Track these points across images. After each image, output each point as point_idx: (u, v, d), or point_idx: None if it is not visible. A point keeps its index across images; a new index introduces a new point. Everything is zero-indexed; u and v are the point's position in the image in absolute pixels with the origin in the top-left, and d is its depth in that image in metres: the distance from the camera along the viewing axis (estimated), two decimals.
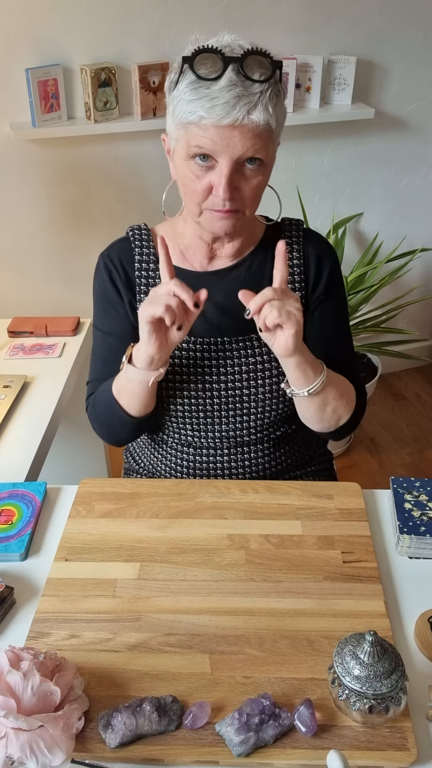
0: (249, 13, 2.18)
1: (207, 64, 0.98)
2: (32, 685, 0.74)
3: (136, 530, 1.07)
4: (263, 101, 0.98)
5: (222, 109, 0.97)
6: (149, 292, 1.09)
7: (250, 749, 0.77)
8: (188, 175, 1.05)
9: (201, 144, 1.00)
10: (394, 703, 0.77)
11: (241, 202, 1.05)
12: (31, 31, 2.01)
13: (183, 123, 1.01)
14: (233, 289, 1.17)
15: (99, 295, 1.26)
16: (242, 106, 0.97)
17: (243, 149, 0.99)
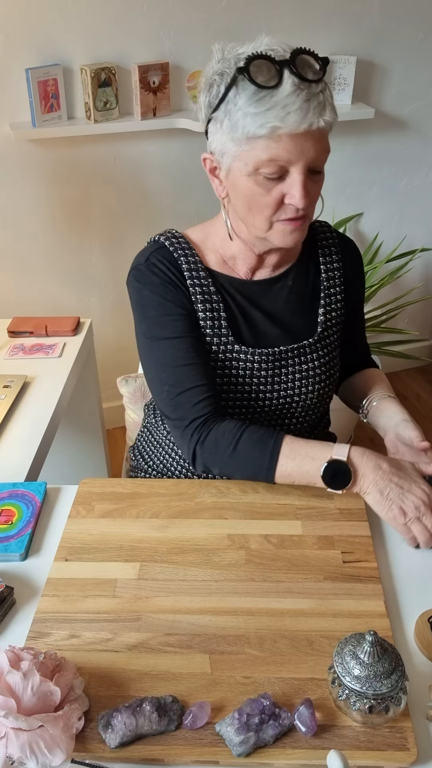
0: (249, 13, 2.19)
1: (263, 71, 0.95)
2: (32, 685, 0.74)
3: (136, 530, 1.07)
4: (329, 101, 0.97)
5: (297, 116, 0.94)
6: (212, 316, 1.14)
7: (250, 749, 0.77)
8: (255, 190, 1.02)
9: (275, 156, 0.97)
10: (394, 703, 0.77)
11: (309, 207, 1.04)
12: (31, 31, 2.01)
13: (249, 137, 0.97)
14: (279, 298, 1.21)
15: (151, 300, 1.14)
16: (314, 110, 0.95)
17: (316, 154, 0.98)
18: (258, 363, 1.18)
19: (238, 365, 1.18)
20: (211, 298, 1.16)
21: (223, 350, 1.17)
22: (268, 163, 0.98)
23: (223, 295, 1.18)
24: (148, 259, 1.16)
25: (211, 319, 1.17)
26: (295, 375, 1.20)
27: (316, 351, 1.22)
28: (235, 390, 1.19)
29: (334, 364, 1.26)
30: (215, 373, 1.17)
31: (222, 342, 1.17)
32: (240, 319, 1.19)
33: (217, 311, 1.17)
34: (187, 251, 1.17)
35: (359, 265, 1.30)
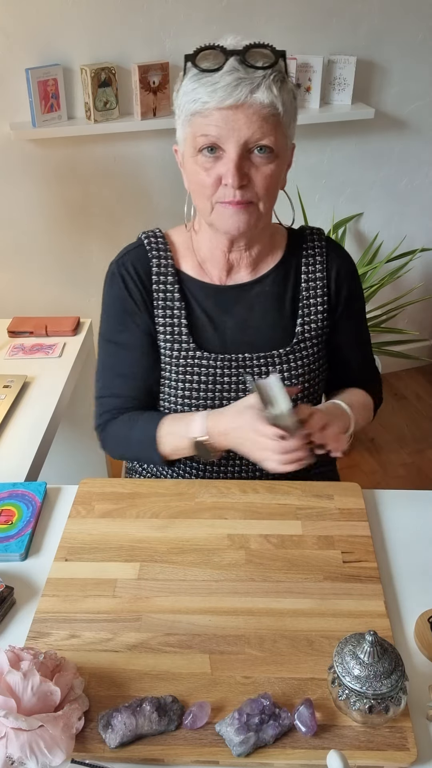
0: (249, 12, 2.19)
1: (209, 59, 0.98)
2: (32, 685, 0.74)
3: (136, 530, 1.07)
4: (266, 83, 0.97)
5: (224, 91, 0.95)
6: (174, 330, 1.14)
7: (250, 749, 0.77)
8: (197, 170, 1.03)
9: (206, 132, 0.99)
10: (394, 703, 0.77)
11: (252, 193, 1.03)
12: (31, 31, 2.01)
13: (187, 116, 1.01)
14: (254, 305, 1.18)
15: (113, 306, 1.19)
16: (245, 86, 0.96)
17: (249, 131, 0.98)
18: (221, 369, 1.17)
19: (200, 371, 1.17)
20: (174, 304, 1.17)
21: (184, 356, 1.17)
22: (201, 139, 1.00)
23: (190, 300, 1.18)
24: (122, 259, 1.19)
25: (170, 325, 1.17)
26: None
27: (287, 362, 1.18)
28: (198, 396, 1.18)
29: (309, 378, 1.20)
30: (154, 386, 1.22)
31: (183, 348, 1.17)
32: (207, 325, 1.18)
33: (178, 317, 1.17)
34: (162, 253, 1.18)
35: (351, 279, 1.23)
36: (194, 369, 1.17)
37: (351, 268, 1.24)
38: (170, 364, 1.18)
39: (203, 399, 1.18)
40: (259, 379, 1.03)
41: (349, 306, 1.23)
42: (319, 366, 1.23)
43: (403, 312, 2.81)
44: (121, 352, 1.20)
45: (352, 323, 1.26)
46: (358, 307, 1.26)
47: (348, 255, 1.25)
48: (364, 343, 1.32)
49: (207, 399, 1.18)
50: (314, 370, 1.21)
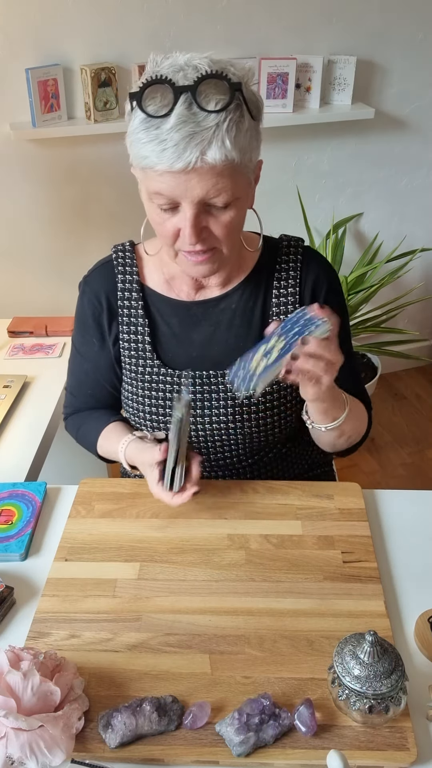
0: (249, 12, 2.19)
1: (156, 99, 0.89)
2: (32, 685, 0.74)
3: (136, 530, 1.07)
4: (218, 136, 0.87)
5: (172, 153, 0.87)
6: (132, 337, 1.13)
7: (250, 749, 0.77)
8: (156, 218, 0.99)
9: (159, 190, 0.93)
10: (394, 703, 0.77)
11: (213, 241, 0.98)
12: (31, 31, 2.01)
13: (138, 166, 0.95)
14: (221, 321, 1.15)
15: (77, 317, 1.22)
16: (194, 147, 0.87)
17: (203, 191, 0.91)
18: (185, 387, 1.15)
19: (165, 387, 1.16)
20: (138, 320, 1.16)
21: (149, 372, 1.16)
22: (157, 196, 0.94)
23: (154, 316, 1.16)
24: (90, 276, 1.20)
25: (134, 341, 1.17)
26: (227, 402, 1.14)
27: None
28: (164, 413, 1.17)
29: (281, 395, 1.16)
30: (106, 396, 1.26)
31: (147, 364, 1.16)
32: (172, 341, 1.16)
33: (142, 334, 1.16)
34: (128, 268, 1.17)
35: (328, 294, 1.16)
36: (159, 386, 1.16)
37: (329, 282, 1.16)
38: (135, 379, 1.18)
39: (170, 415, 1.17)
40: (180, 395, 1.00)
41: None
42: (290, 385, 1.15)
43: (403, 312, 2.81)
44: (79, 358, 1.25)
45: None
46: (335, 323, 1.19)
47: (328, 268, 1.18)
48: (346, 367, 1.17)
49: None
50: (284, 389, 1.16)
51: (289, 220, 2.54)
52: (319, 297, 1.15)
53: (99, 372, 1.23)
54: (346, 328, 1.19)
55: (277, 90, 2.26)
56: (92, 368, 1.23)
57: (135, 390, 1.19)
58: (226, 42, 2.20)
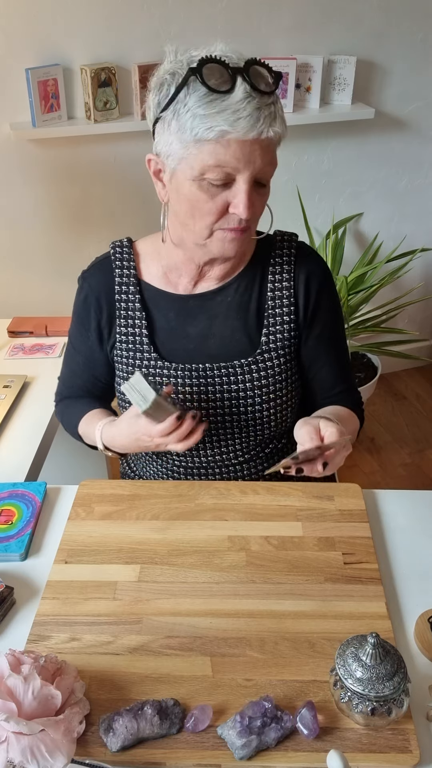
0: (249, 12, 2.18)
1: (215, 74, 0.92)
2: (33, 689, 0.74)
3: (136, 532, 1.06)
4: (279, 113, 0.95)
5: (247, 122, 0.91)
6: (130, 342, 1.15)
7: (252, 752, 0.76)
8: (199, 196, 0.98)
9: (222, 162, 0.94)
10: (397, 705, 0.77)
11: (253, 218, 1.02)
12: (31, 31, 2.00)
13: (196, 140, 0.93)
14: (218, 314, 1.16)
15: (76, 314, 1.23)
16: (265, 118, 0.92)
17: (263, 164, 0.96)
18: (182, 379, 1.16)
19: (163, 381, 1.16)
20: (135, 314, 1.17)
21: (146, 365, 1.17)
22: (215, 169, 0.95)
23: (151, 310, 1.17)
24: (88, 272, 1.21)
25: (132, 335, 1.18)
26: (224, 395, 1.15)
27: (250, 372, 1.15)
28: None
29: (275, 390, 1.17)
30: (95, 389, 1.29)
31: (144, 357, 1.17)
32: (169, 335, 1.17)
33: (139, 327, 1.17)
34: (125, 263, 1.18)
35: (322, 289, 1.17)
36: (156, 379, 1.17)
37: (323, 277, 1.18)
38: (132, 373, 1.18)
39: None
40: (125, 382, 0.99)
41: (318, 318, 1.17)
42: (287, 378, 1.18)
43: (403, 312, 2.81)
44: (73, 350, 1.27)
45: (323, 337, 1.19)
46: (329, 319, 1.19)
47: (321, 263, 1.19)
48: (338, 363, 1.23)
49: None
50: (280, 382, 1.17)
51: (289, 220, 2.53)
52: (313, 292, 1.16)
53: (91, 365, 1.25)
54: (339, 323, 1.22)
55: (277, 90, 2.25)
56: (84, 361, 1.25)
57: None
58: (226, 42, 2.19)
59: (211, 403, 1.16)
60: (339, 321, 1.23)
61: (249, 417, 1.17)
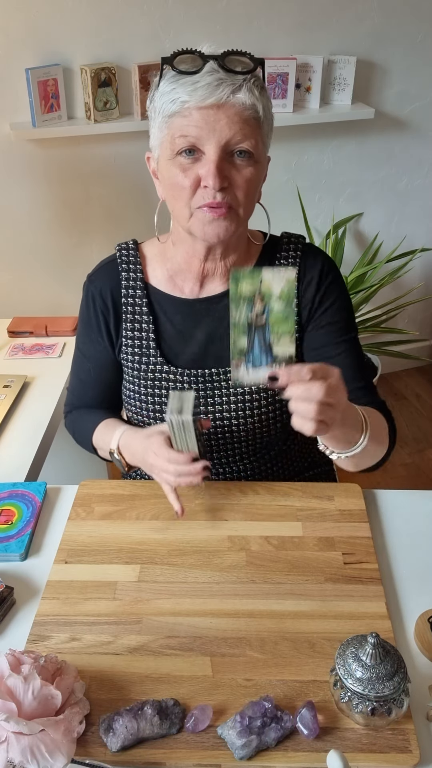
0: (249, 12, 2.18)
1: (187, 62, 0.96)
2: (33, 689, 0.74)
3: (136, 532, 1.06)
4: (247, 85, 0.95)
5: (204, 90, 0.93)
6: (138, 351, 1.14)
7: (253, 752, 0.76)
8: (174, 173, 0.99)
9: (185, 132, 0.95)
10: (397, 705, 0.77)
11: (232, 196, 0.99)
12: (31, 31, 2.00)
13: (165, 118, 0.97)
14: (223, 318, 1.14)
15: (83, 320, 1.22)
16: (226, 87, 0.93)
17: (230, 132, 0.95)
18: (188, 384, 1.15)
19: (168, 385, 1.16)
20: (142, 318, 1.16)
21: (152, 369, 1.17)
22: (180, 140, 0.96)
23: (158, 314, 1.16)
24: (94, 275, 1.20)
25: (138, 339, 1.17)
26: (230, 398, 1.14)
27: None
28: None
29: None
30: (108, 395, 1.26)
31: (151, 362, 1.16)
32: (176, 339, 1.16)
33: (146, 331, 1.16)
34: (132, 266, 1.17)
35: (329, 289, 1.14)
36: (162, 383, 1.16)
37: (330, 278, 1.15)
38: (139, 377, 1.18)
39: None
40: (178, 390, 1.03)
41: (326, 320, 1.14)
42: None
43: (403, 312, 2.81)
44: (82, 357, 1.25)
45: (331, 333, 1.14)
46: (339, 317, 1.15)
47: (329, 264, 1.16)
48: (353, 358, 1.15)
49: None
50: None
51: (289, 220, 2.53)
52: (319, 293, 1.13)
53: (102, 371, 1.23)
54: (351, 323, 1.17)
55: (277, 90, 2.26)
56: (95, 368, 1.23)
57: (137, 389, 1.19)
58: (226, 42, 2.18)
59: (217, 406, 1.15)
60: (350, 319, 1.17)
61: (255, 419, 1.16)
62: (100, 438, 1.22)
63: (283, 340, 0.83)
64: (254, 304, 0.82)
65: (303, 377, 0.82)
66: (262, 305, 0.82)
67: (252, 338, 0.83)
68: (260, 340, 0.83)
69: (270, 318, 0.82)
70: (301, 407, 0.83)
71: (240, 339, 0.83)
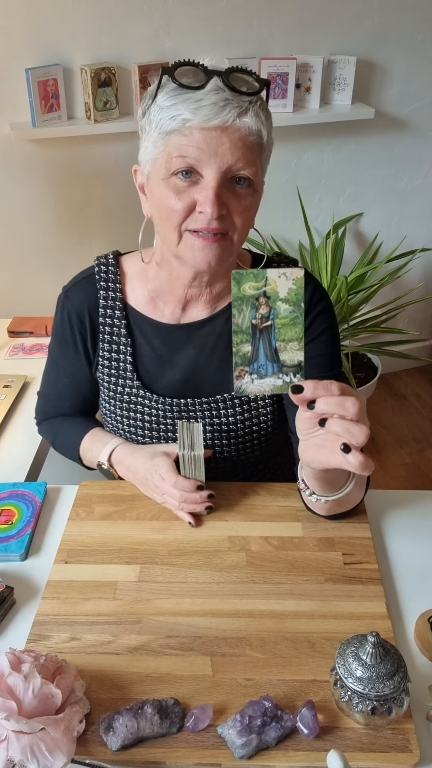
0: (249, 13, 2.18)
1: (189, 75, 0.89)
2: (33, 688, 0.74)
3: (136, 532, 1.06)
4: (253, 108, 0.89)
5: (210, 110, 0.86)
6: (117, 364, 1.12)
7: (253, 751, 0.76)
8: (166, 194, 0.92)
9: (184, 153, 0.89)
10: (397, 705, 0.77)
11: (229, 224, 0.93)
12: (31, 31, 2.00)
13: (162, 134, 0.90)
14: (204, 345, 1.11)
15: (58, 335, 1.18)
16: (232, 109, 0.87)
17: (233, 158, 0.88)
18: (163, 411, 1.13)
19: (143, 410, 1.14)
20: (120, 339, 1.13)
21: (128, 392, 1.15)
22: (178, 160, 0.89)
23: (137, 337, 1.13)
24: (70, 291, 1.15)
25: (116, 361, 1.14)
26: (206, 428, 1.13)
27: (233, 407, 1.12)
28: (143, 434, 1.16)
29: (261, 421, 1.14)
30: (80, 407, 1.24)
31: (127, 384, 1.15)
32: (154, 363, 1.13)
33: (124, 353, 1.13)
34: (111, 284, 1.12)
35: (317, 322, 1.08)
36: (137, 407, 1.14)
37: (320, 308, 1.08)
38: (114, 399, 1.17)
39: (148, 437, 1.16)
40: (187, 422, 1.05)
41: (311, 345, 1.08)
42: (273, 411, 1.13)
43: (403, 312, 2.81)
44: (56, 370, 1.22)
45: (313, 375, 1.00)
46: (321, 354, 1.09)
47: (320, 293, 1.09)
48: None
49: (152, 437, 1.16)
50: (265, 415, 1.14)
51: (289, 220, 2.53)
52: (306, 320, 1.06)
53: (77, 386, 1.21)
54: (336, 359, 1.11)
55: (277, 90, 2.26)
56: (70, 382, 1.21)
57: (113, 409, 1.18)
58: (226, 42, 2.20)
59: None
60: (335, 354, 1.11)
61: (232, 449, 1.16)
62: (87, 448, 1.20)
63: (291, 346, 0.76)
64: (258, 307, 0.76)
65: (332, 392, 0.74)
66: (267, 308, 0.76)
67: (257, 344, 0.76)
68: (265, 345, 0.76)
69: (276, 322, 0.76)
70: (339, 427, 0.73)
71: (243, 345, 0.76)
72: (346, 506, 1.03)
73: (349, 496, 0.95)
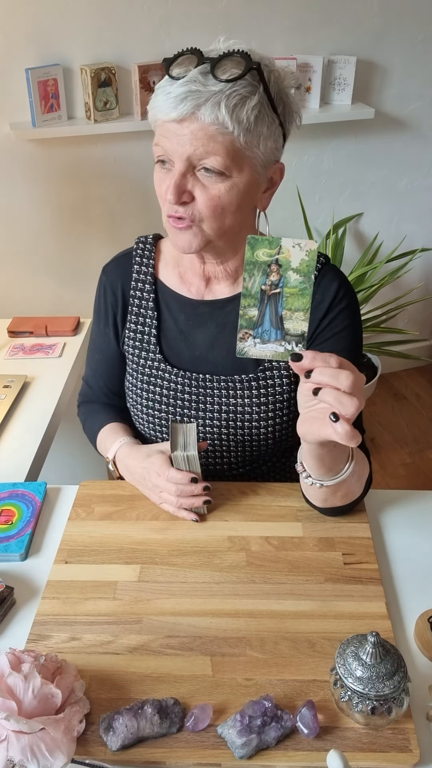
0: (249, 13, 2.18)
1: (183, 64, 0.94)
2: (33, 688, 0.74)
3: (136, 532, 1.06)
4: (216, 99, 0.90)
5: (167, 104, 0.91)
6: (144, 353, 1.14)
7: (253, 751, 0.76)
8: (156, 180, 1.01)
9: (157, 142, 0.96)
10: (397, 705, 0.77)
11: (193, 212, 0.97)
12: (31, 31, 2.00)
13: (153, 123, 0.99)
14: (226, 324, 1.13)
15: (96, 311, 1.25)
16: (190, 101, 0.90)
17: (191, 148, 0.92)
18: (182, 386, 1.15)
19: (162, 383, 1.16)
20: (147, 312, 1.17)
21: (150, 365, 1.17)
22: (156, 148, 0.97)
23: (163, 311, 1.17)
24: (109, 264, 1.22)
25: (141, 333, 1.18)
26: (222, 407, 1.14)
27: (250, 389, 1.12)
28: (160, 408, 1.18)
29: (277, 407, 1.14)
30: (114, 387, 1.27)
31: (149, 357, 1.17)
32: (177, 338, 1.16)
33: (149, 326, 1.17)
34: (146, 260, 1.18)
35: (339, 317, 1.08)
36: (157, 381, 1.17)
37: (344, 304, 1.09)
38: (136, 371, 1.19)
39: (164, 412, 1.18)
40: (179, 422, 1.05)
41: (327, 348, 1.07)
42: (289, 399, 1.13)
43: (403, 312, 2.81)
44: (93, 348, 1.28)
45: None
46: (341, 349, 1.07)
47: (346, 288, 1.10)
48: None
49: (168, 412, 1.17)
50: (281, 402, 1.13)
51: (289, 220, 2.53)
52: (328, 312, 1.08)
53: (109, 362, 1.24)
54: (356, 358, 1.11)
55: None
56: (103, 359, 1.25)
57: (135, 382, 1.20)
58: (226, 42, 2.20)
59: (208, 413, 1.15)
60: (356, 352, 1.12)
61: (246, 432, 1.16)
62: (102, 442, 1.24)
63: (297, 315, 0.78)
64: (269, 274, 0.78)
65: (330, 364, 0.76)
66: (277, 275, 0.78)
67: (263, 310, 0.78)
68: (272, 312, 0.78)
69: (285, 290, 0.78)
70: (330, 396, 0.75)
71: (250, 309, 0.78)
72: (344, 499, 1.02)
73: (347, 486, 0.97)
